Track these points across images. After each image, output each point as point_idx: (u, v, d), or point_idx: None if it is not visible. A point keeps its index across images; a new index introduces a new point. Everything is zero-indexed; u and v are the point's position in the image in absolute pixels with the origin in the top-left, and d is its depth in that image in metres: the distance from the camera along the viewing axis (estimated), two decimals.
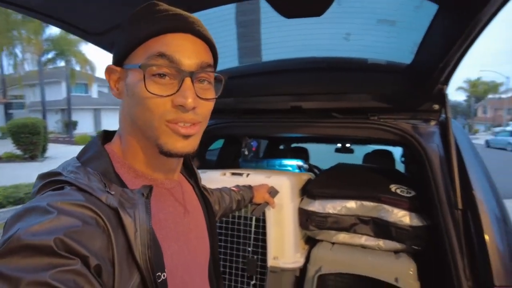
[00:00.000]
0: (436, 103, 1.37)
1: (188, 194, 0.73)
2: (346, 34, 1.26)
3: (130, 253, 0.50)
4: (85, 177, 0.52)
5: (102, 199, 0.50)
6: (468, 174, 1.22)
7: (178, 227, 0.65)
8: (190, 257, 0.66)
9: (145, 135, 0.59)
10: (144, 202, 0.54)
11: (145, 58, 0.56)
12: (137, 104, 0.57)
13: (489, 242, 1.07)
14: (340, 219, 1.45)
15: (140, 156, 0.62)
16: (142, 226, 0.51)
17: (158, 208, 0.61)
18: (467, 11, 0.88)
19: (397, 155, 2.72)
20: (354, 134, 1.49)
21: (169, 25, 0.57)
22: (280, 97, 1.55)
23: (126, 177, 0.59)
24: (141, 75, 0.55)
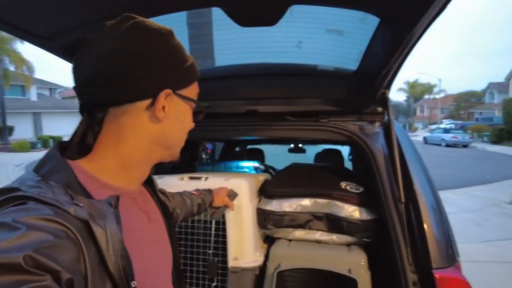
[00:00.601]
0: (380, 106, 1.49)
1: (149, 203, 0.74)
2: (298, 42, 1.33)
3: (102, 264, 0.50)
4: (49, 191, 0.51)
5: (70, 212, 0.49)
6: (409, 170, 1.34)
7: (145, 235, 0.66)
8: (157, 264, 0.68)
9: (174, 147, 0.72)
10: (114, 212, 0.54)
11: (195, 95, 0.72)
12: (182, 126, 0.70)
13: (427, 231, 1.20)
14: (296, 217, 1.52)
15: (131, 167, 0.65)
16: (114, 237, 0.52)
17: (125, 217, 0.60)
18: (404, 24, 0.98)
19: (345, 154, 2.89)
20: (306, 136, 1.57)
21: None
22: (236, 101, 1.59)
23: (90, 188, 0.58)
24: (192, 107, 0.71)
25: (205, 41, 1.54)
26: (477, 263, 4.39)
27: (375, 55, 1.20)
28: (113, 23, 0.61)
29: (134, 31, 0.61)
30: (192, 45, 1.54)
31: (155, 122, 0.64)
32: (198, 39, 1.53)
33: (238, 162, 2.61)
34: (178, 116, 0.68)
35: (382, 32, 1.09)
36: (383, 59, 1.14)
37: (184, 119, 0.70)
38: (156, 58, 0.62)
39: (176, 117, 0.67)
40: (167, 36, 0.64)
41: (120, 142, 0.63)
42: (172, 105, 0.65)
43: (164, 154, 0.70)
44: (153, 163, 0.70)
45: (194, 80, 0.71)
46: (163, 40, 0.63)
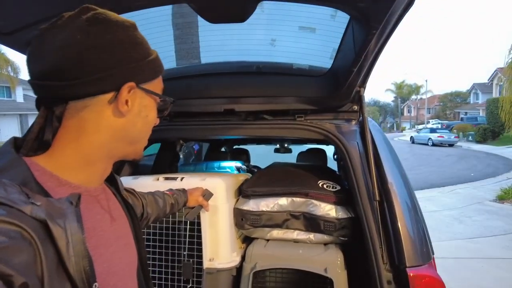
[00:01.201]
0: (355, 104, 1.49)
1: (112, 201, 0.72)
2: (271, 39, 1.33)
3: (61, 265, 0.48)
4: (1, 189, 0.47)
5: (26, 212, 0.46)
6: (384, 168, 1.34)
7: (107, 234, 0.64)
8: (121, 264, 0.66)
9: (136, 143, 0.69)
10: (74, 211, 0.52)
11: (160, 90, 0.70)
12: (146, 122, 0.68)
13: (401, 229, 1.20)
14: (273, 216, 1.51)
15: (90, 164, 0.63)
16: (75, 236, 0.49)
17: (86, 216, 0.59)
18: (372, 20, 0.98)
19: (330, 153, 2.89)
20: (283, 134, 1.56)
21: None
22: (212, 99, 1.57)
23: (48, 186, 0.56)
24: (157, 102, 0.70)
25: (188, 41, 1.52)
26: (460, 259, 4.46)
27: (348, 52, 1.20)
28: (71, 14, 0.59)
29: (95, 22, 0.58)
30: (177, 46, 1.52)
31: (118, 117, 0.62)
32: (181, 39, 1.51)
33: (221, 162, 2.60)
34: (141, 111, 0.66)
35: (353, 29, 1.09)
36: (355, 56, 1.14)
37: (148, 114, 0.68)
38: (118, 51, 0.60)
39: (140, 111, 0.65)
40: (130, 28, 0.62)
41: (81, 138, 0.60)
42: (135, 99, 0.64)
43: (127, 151, 0.68)
44: (115, 159, 0.68)
45: (158, 74, 0.69)
46: (126, 32, 0.61)
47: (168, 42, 1.51)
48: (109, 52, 0.59)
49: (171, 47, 1.53)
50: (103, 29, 0.58)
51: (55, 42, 0.57)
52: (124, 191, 0.83)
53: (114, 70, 0.59)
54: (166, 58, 1.55)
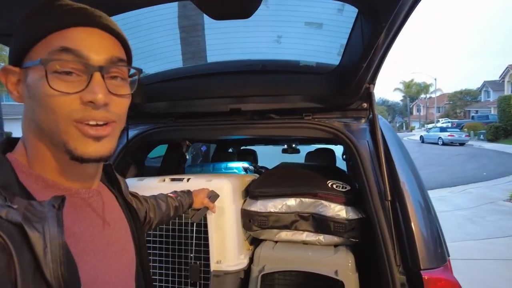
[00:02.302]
0: (365, 102, 1.45)
1: (108, 205, 0.68)
2: (277, 37, 1.30)
3: (39, 271, 0.45)
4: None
5: (1, 215, 0.44)
6: (395, 167, 1.30)
7: (96, 240, 0.60)
8: (112, 271, 0.62)
9: (53, 140, 0.54)
10: (56, 215, 0.48)
11: (46, 54, 0.52)
12: (40, 105, 0.52)
13: (414, 230, 1.15)
14: (281, 217, 1.47)
15: (50, 163, 0.56)
16: (53, 241, 0.46)
17: (73, 220, 0.56)
18: (381, 13, 0.94)
19: (339, 153, 2.85)
20: (291, 134, 1.53)
21: (73, 19, 0.53)
22: (218, 99, 1.54)
23: (33, 188, 0.53)
24: (43, 72, 0.50)
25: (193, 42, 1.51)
26: (473, 261, 4.36)
27: (356, 48, 1.16)
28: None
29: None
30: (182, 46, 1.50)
31: (25, 108, 0.57)
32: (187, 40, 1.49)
33: (228, 163, 2.57)
34: (29, 91, 0.54)
35: (361, 23, 1.05)
36: (364, 51, 1.10)
37: (34, 91, 0.53)
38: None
39: (28, 92, 0.54)
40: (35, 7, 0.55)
41: (23, 136, 0.59)
42: (22, 82, 0.56)
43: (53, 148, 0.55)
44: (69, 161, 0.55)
45: (35, 37, 0.53)
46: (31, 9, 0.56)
47: (175, 42, 1.49)
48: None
49: (177, 47, 1.51)
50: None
51: None
52: (128, 193, 0.80)
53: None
54: (172, 58, 1.54)
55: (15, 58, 0.55)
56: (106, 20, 0.57)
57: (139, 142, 1.60)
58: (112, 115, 0.55)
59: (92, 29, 0.54)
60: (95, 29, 0.55)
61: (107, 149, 0.56)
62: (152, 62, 1.53)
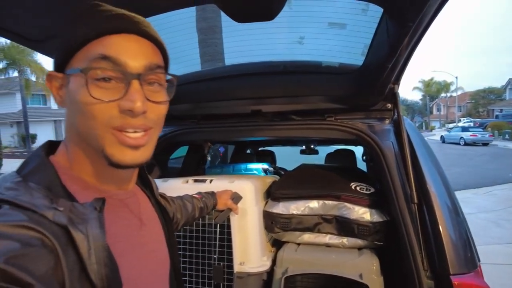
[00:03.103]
0: (389, 102, 1.43)
1: (143, 205, 0.70)
2: (299, 38, 1.29)
3: (84, 272, 0.47)
4: (27, 193, 0.47)
5: (48, 217, 0.45)
6: (422, 169, 1.27)
7: (134, 240, 0.62)
8: (148, 270, 0.64)
9: (91, 145, 0.55)
10: (97, 217, 0.50)
11: (87, 62, 0.52)
12: (80, 111, 0.53)
13: (443, 233, 1.12)
14: (304, 220, 1.46)
15: (88, 167, 0.58)
16: (97, 243, 0.48)
17: (111, 221, 0.57)
18: (408, 12, 0.92)
19: (359, 154, 2.80)
20: (312, 135, 1.52)
21: (111, 25, 0.53)
22: (239, 101, 1.55)
23: (74, 190, 0.55)
24: (83, 80, 0.51)
25: (213, 44, 1.52)
26: (498, 266, 4.21)
27: (381, 48, 1.14)
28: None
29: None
30: (202, 49, 1.52)
31: (66, 112, 0.58)
32: (206, 43, 1.51)
33: (247, 164, 2.57)
34: (70, 97, 0.55)
35: (386, 22, 1.03)
36: (389, 51, 1.08)
37: (75, 97, 0.53)
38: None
39: (69, 98, 0.55)
40: (78, 13, 0.56)
41: (65, 140, 0.60)
42: (63, 86, 0.58)
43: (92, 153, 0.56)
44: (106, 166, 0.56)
45: (77, 45, 0.54)
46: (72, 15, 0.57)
47: (194, 46, 1.51)
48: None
49: (196, 50, 1.53)
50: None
51: None
52: (158, 195, 0.82)
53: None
54: (191, 62, 1.56)
55: (58, 64, 0.57)
56: (145, 26, 0.57)
57: (163, 143, 1.62)
58: (150, 122, 0.56)
59: (131, 35, 0.55)
60: (134, 36, 0.55)
61: (144, 157, 0.57)
62: (173, 65, 1.56)
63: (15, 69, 19.47)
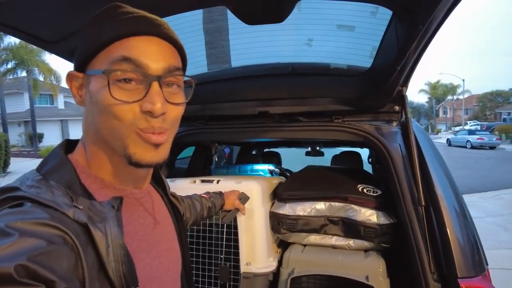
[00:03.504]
0: (397, 105, 1.43)
1: (157, 204, 0.71)
2: (308, 39, 1.29)
3: (102, 270, 0.48)
4: (48, 191, 0.48)
5: (69, 215, 0.47)
6: (429, 171, 1.27)
7: (149, 238, 0.63)
8: (162, 269, 0.65)
9: (111, 144, 0.56)
10: (115, 215, 0.51)
11: (108, 63, 0.53)
12: (102, 111, 0.54)
13: (450, 236, 1.12)
14: (310, 221, 1.47)
15: (106, 166, 0.59)
16: (115, 241, 0.49)
17: (128, 219, 0.59)
18: (418, 15, 0.92)
19: (364, 156, 2.80)
20: (319, 137, 1.52)
21: (133, 27, 0.54)
22: (247, 102, 1.56)
23: (93, 188, 0.56)
24: (105, 81, 0.52)
25: (220, 46, 1.53)
26: (506, 270, 4.16)
27: (390, 50, 1.14)
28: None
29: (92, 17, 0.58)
30: (208, 50, 1.53)
31: (85, 112, 0.59)
32: (213, 44, 1.52)
33: (253, 165, 2.58)
34: (91, 97, 0.56)
35: (396, 25, 1.03)
36: (398, 54, 1.08)
37: (97, 98, 0.54)
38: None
39: (90, 98, 0.56)
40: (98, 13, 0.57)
41: (83, 139, 0.61)
42: (85, 86, 0.58)
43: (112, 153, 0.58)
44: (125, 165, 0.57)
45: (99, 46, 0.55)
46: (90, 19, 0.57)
47: (200, 47, 1.52)
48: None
49: (202, 51, 1.54)
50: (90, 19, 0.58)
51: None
52: (170, 194, 0.83)
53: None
54: (198, 63, 1.57)
55: (79, 65, 0.58)
56: (166, 29, 0.58)
57: (172, 144, 1.63)
58: (167, 123, 0.57)
59: (151, 37, 0.56)
60: (155, 38, 0.56)
61: (162, 156, 0.58)
62: None
63: (23, 69, 19.66)
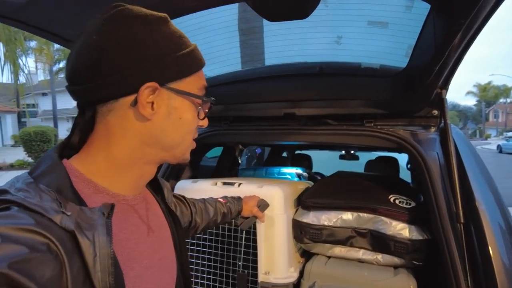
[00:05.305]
0: (435, 109, 1.30)
1: (152, 211, 0.68)
2: (337, 37, 1.21)
3: (88, 279, 0.45)
4: (36, 196, 0.47)
5: (56, 221, 0.45)
6: (470, 184, 1.14)
7: (141, 247, 0.60)
8: (155, 278, 0.62)
9: (169, 151, 0.63)
10: (105, 223, 0.49)
11: (198, 89, 0.63)
12: (179, 125, 0.61)
13: (493, 257, 0.99)
14: (335, 232, 1.38)
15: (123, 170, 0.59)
16: (102, 250, 0.47)
17: (119, 227, 0.56)
18: (460, 10, 0.82)
19: (403, 162, 2.63)
20: (349, 141, 1.42)
21: (203, 60, 0.65)
22: (272, 103, 1.50)
23: (85, 193, 0.54)
24: (195, 103, 0.63)
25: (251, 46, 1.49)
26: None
27: (427, 48, 1.03)
28: (99, 14, 0.56)
29: (111, 20, 0.54)
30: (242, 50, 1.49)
31: (143, 121, 0.57)
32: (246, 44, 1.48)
33: (281, 168, 2.51)
34: (171, 113, 0.59)
35: (434, 20, 0.93)
36: (437, 53, 0.97)
37: (182, 115, 0.61)
38: (132, 49, 0.54)
39: (170, 114, 0.59)
40: (153, 23, 0.56)
41: (110, 143, 0.58)
42: (162, 100, 0.58)
43: (163, 156, 0.63)
44: (152, 165, 0.64)
45: (193, 70, 0.61)
46: (146, 27, 0.55)
47: (234, 45, 1.48)
48: (122, 51, 0.53)
49: (236, 50, 1.50)
50: (118, 26, 0.54)
51: (76, 46, 0.56)
52: (172, 198, 0.80)
53: (128, 70, 0.54)
54: (231, 61, 1.53)
55: (157, 78, 0.56)
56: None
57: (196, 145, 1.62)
58: None
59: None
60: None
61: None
62: (211, 65, 1.54)
63: None
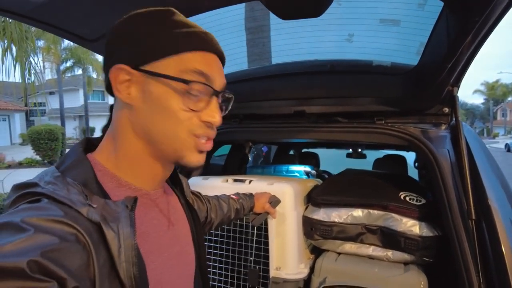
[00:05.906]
0: (446, 106, 1.30)
1: (172, 205, 0.70)
2: (348, 35, 1.22)
3: (113, 270, 0.47)
4: (64, 188, 0.49)
5: (82, 213, 0.47)
6: (481, 181, 1.14)
7: (161, 240, 0.62)
8: (174, 271, 0.63)
9: (160, 144, 0.58)
10: (129, 215, 0.51)
11: (181, 72, 0.55)
12: (161, 114, 0.55)
13: (506, 255, 0.99)
14: (346, 228, 1.39)
15: (134, 164, 0.59)
16: (127, 241, 0.48)
17: (142, 220, 0.58)
18: (475, 8, 0.82)
19: (410, 160, 2.62)
20: (359, 139, 1.43)
21: (207, 44, 0.58)
22: (282, 101, 1.51)
23: (108, 187, 0.56)
24: (175, 87, 0.55)
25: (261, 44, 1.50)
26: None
27: (439, 46, 1.04)
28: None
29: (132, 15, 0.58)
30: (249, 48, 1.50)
31: (128, 108, 0.57)
32: (254, 42, 1.49)
33: (289, 166, 2.52)
34: (147, 98, 0.55)
35: (447, 18, 0.93)
36: (449, 51, 0.98)
37: (165, 103, 0.55)
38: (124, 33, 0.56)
39: (145, 98, 0.55)
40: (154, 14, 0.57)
41: (115, 136, 0.60)
42: (138, 84, 0.56)
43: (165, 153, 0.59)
44: (161, 162, 0.61)
45: (177, 50, 0.55)
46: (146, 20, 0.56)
47: (241, 44, 1.50)
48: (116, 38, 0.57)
49: (243, 48, 1.51)
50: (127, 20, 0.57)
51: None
52: (190, 194, 0.81)
53: (112, 52, 0.57)
54: (238, 60, 1.55)
55: (135, 61, 0.55)
56: (220, 47, 0.62)
57: None
58: (215, 132, 0.62)
59: (214, 55, 0.60)
60: (215, 56, 0.60)
61: (203, 160, 0.62)
62: None
63: (79, 67, 21.11)
